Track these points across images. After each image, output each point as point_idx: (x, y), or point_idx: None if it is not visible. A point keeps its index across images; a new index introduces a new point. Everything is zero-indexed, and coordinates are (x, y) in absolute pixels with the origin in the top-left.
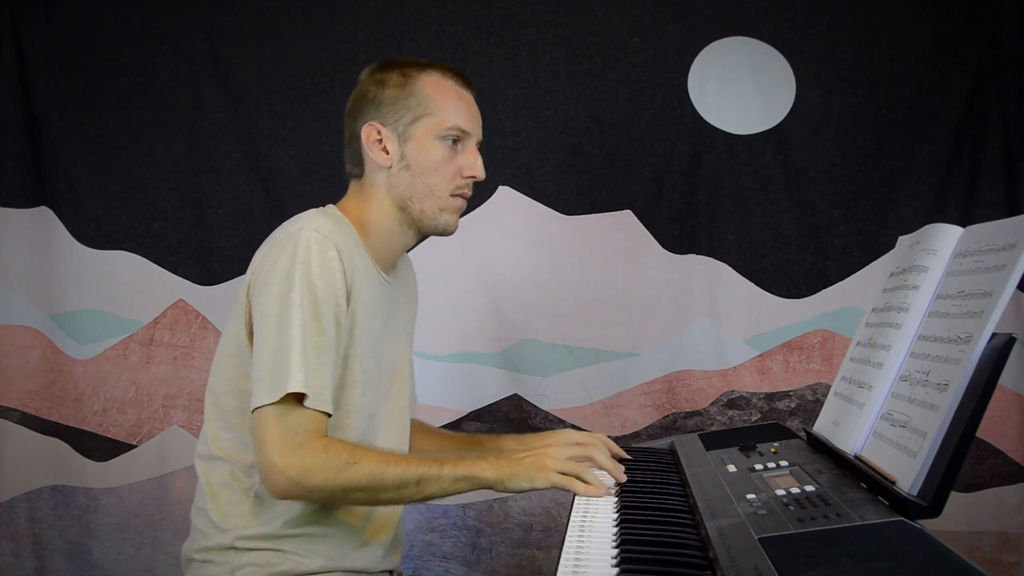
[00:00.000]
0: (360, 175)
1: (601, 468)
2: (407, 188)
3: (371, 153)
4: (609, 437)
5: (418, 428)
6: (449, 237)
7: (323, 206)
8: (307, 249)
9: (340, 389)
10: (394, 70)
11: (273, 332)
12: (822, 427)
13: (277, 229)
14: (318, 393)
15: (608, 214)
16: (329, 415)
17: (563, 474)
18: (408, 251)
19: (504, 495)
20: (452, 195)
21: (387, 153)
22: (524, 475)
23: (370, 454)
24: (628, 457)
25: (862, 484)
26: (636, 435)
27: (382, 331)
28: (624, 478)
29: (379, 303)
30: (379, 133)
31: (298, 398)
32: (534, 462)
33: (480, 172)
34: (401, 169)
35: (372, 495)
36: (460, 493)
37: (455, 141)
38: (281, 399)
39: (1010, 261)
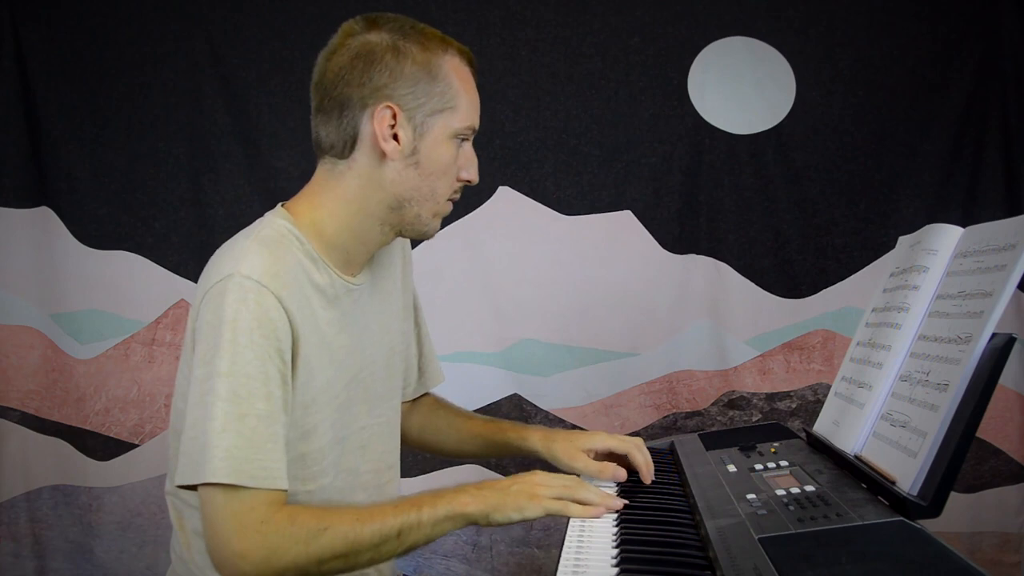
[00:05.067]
0: (344, 156)
1: (585, 499)
2: (410, 188)
3: (382, 141)
4: None
5: (438, 408)
6: (449, 237)
7: (272, 209)
8: (238, 302)
9: (303, 439)
10: (411, 38)
11: (195, 402)
12: (822, 427)
13: (214, 259)
14: (264, 471)
15: (608, 214)
16: (284, 491)
17: (556, 499)
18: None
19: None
20: (447, 200)
21: (398, 143)
22: (513, 505)
23: (340, 515)
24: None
25: (862, 484)
26: (636, 435)
27: (351, 345)
28: (618, 504)
29: (345, 316)
30: (394, 118)
31: None
32: (523, 490)
33: (476, 176)
34: (408, 165)
35: (350, 561)
36: (446, 533)
37: (463, 140)
38: None
39: (1010, 261)
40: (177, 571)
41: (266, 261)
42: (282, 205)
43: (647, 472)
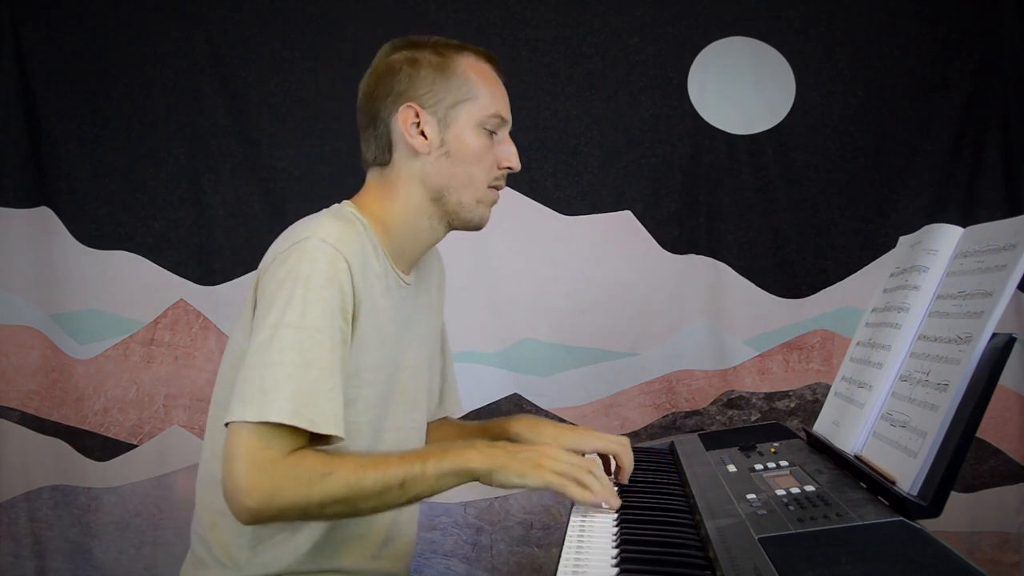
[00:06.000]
0: (386, 162)
1: (589, 485)
2: (446, 177)
3: (408, 137)
4: None
5: (442, 425)
6: (450, 237)
7: (339, 203)
8: (312, 261)
9: (346, 407)
10: (425, 48)
11: (264, 346)
12: (822, 427)
13: (286, 232)
14: (323, 417)
15: (608, 214)
16: (341, 439)
17: (560, 475)
18: (434, 246)
19: (505, 492)
20: (489, 187)
21: (425, 138)
22: (516, 469)
23: (346, 461)
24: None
25: (862, 484)
26: (636, 435)
27: (397, 339)
28: (616, 502)
29: (395, 309)
30: (417, 116)
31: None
32: (529, 457)
33: (517, 163)
34: (440, 156)
35: (351, 506)
36: (449, 488)
37: (492, 131)
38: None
39: (1010, 261)
40: (196, 551)
41: (341, 232)
42: (347, 200)
43: (624, 474)
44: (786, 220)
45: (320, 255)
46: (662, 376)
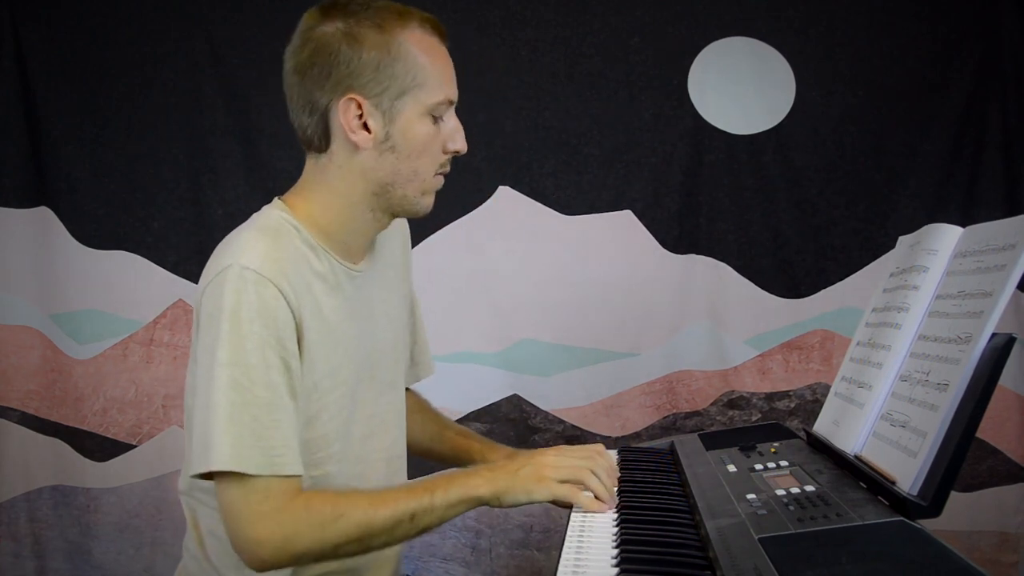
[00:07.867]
0: (323, 150)
1: (594, 488)
2: (390, 172)
3: (351, 134)
4: (609, 438)
5: (421, 409)
6: (449, 237)
7: (270, 202)
8: (236, 293)
9: (307, 425)
10: (365, 21)
11: (201, 391)
12: (822, 427)
13: (218, 249)
14: (268, 458)
15: (608, 214)
16: (298, 476)
17: (565, 482)
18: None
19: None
20: (435, 175)
21: (368, 131)
22: (521, 488)
23: (355, 501)
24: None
25: (862, 484)
26: (636, 435)
27: (358, 330)
28: (613, 504)
29: (349, 302)
30: (360, 108)
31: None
32: (531, 472)
33: (463, 144)
34: (385, 151)
35: (364, 545)
36: (458, 515)
37: (439, 116)
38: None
39: (1010, 261)
40: (189, 567)
41: (265, 250)
42: (279, 198)
43: (608, 497)
44: (786, 220)
45: (245, 285)
46: (662, 376)
